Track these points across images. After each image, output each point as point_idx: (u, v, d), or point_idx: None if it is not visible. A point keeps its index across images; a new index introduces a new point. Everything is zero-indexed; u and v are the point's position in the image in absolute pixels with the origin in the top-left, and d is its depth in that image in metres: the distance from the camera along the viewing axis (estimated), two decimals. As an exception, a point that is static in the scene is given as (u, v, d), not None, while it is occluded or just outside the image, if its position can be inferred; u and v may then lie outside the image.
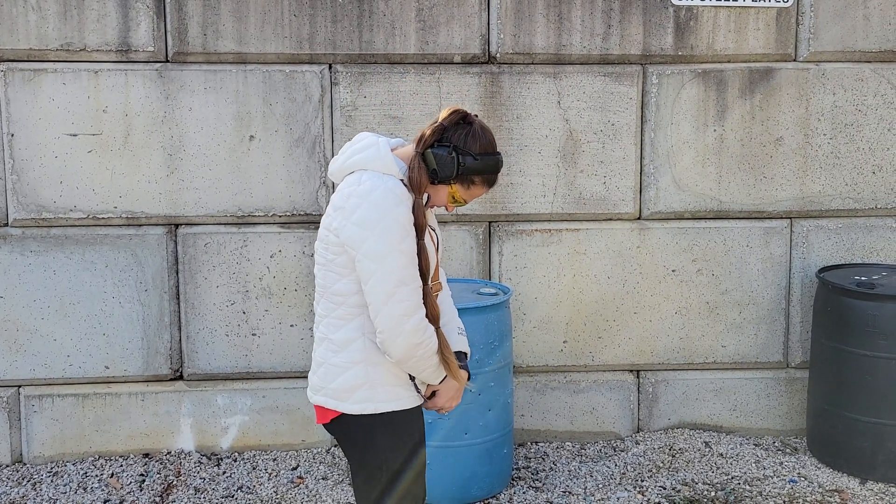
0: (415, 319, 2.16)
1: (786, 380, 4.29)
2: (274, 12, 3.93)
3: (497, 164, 2.31)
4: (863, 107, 4.15)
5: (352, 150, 2.30)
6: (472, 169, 2.26)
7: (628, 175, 4.12)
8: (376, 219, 2.15)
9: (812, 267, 4.22)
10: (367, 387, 2.25)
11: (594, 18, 4.03)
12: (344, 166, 2.29)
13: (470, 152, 2.26)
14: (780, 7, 4.07)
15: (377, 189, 2.17)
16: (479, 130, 2.29)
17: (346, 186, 2.23)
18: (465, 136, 2.26)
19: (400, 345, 2.16)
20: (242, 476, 3.91)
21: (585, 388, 4.24)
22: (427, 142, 2.26)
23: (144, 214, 3.99)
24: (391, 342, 2.17)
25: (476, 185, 2.31)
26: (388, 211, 2.15)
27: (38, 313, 3.99)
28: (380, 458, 2.29)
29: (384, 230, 2.14)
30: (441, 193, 2.31)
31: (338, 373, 2.27)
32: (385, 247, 2.14)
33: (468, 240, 4.11)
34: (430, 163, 2.24)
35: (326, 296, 2.30)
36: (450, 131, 2.27)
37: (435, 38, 3.99)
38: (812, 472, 3.91)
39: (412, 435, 2.33)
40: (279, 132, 3.99)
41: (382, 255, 2.14)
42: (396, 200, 2.17)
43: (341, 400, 2.27)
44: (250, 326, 4.08)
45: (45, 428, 4.05)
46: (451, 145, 2.25)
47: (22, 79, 3.88)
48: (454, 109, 2.31)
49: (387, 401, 2.26)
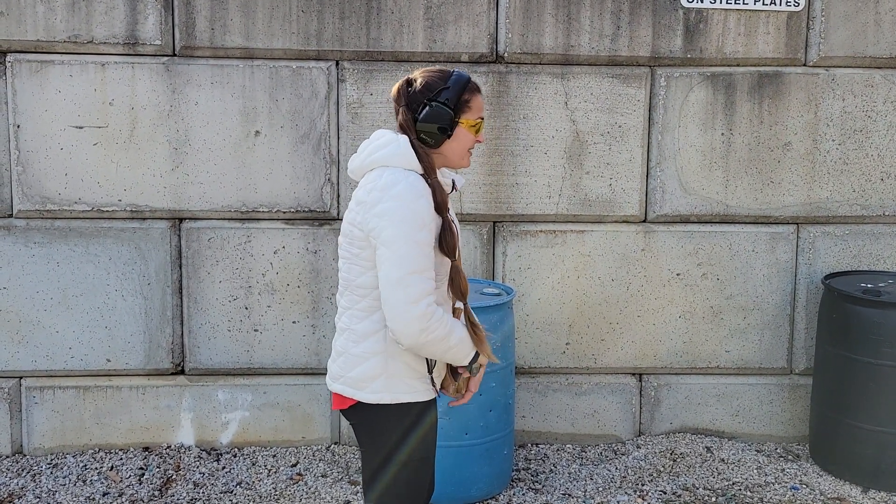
0: (421, 305, 2.18)
1: (789, 386, 4.27)
2: (282, 8, 3.92)
3: (462, 74, 2.34)
4: (872, 113, 4.12)
5: (372, 147, 2.33)
6: (454, 95, 2.30)
7: (634, 177, 4.10)
8: (395, 210, 2.18)
9: (818, 273, 4.19)
10: (385, 377, 2.29)
11: (603, 19, 4.01)
12: (364, 164, 2.32)
13: (438, 89, 2.29)
14: (790, 11, 4.05)
15: (399, 183, 2.21)
16: (426, 74, 2.33)
17: (368, 182, 2.27)
18: (423, 87, 2.30)
19: (406, 330, 2.18)
20: (242, 472, 3.91)
21: (587, 390, 4.22)
22: (408, 125, 2.31)
23: (149, 208, 3.99)
24: (398, 328, 2.19)
25: (471, 100, 2.33)
26: (407, 203, 2.19)
27: (40, 305, 3.99)
28: (392, 448, 2.32)
29: (401, 220, 2.18)
30: (461, 136, 2.33)
31: (357, 363, 2.30)
32: (401, 236, 2.17)
33: (472, 239, 4.09)
34: (430, 128, 2.28)
35: (350, 289, 2.33)
36: (409, 99, 2.31)
37: (443, 37, 3.98)
38: (814, 480, 3.89)
39: (426, 429, 2.36)
40: (285, 128, 3.98)
41: (397, 243, 2.17)
42: (416, 194, 2.20)
43: (359, 389, 2.31)
44: (252, 322, 4.07)
45: (45, 420, 4.05)
46: (420, 102, 2.29)
47: (29, 70, 3.88)
48: (397, 87, 2.34)
49: (403, 392, 2.30)
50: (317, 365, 4.10)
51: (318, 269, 4.05)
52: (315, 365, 4.10)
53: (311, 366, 4.11)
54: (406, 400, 2.30)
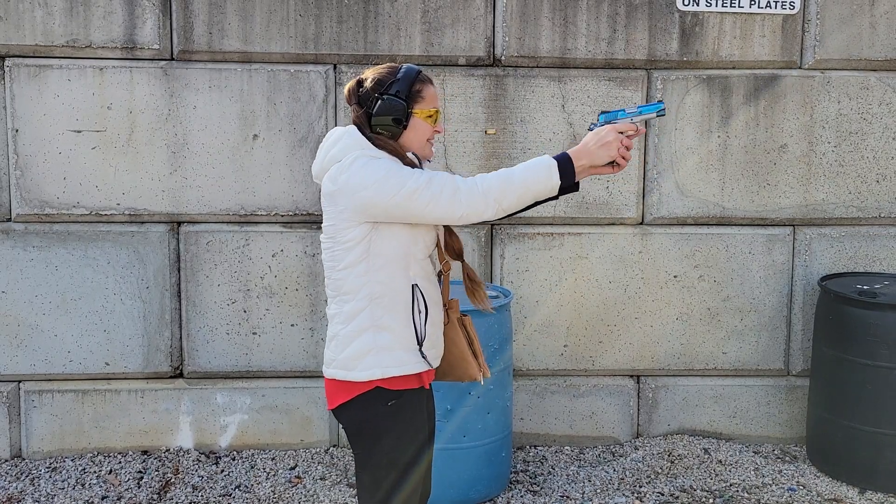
0: (462, 193, 2.23)
1: (786, 388, 4.28)
2: (280, 12, 3.93)
3: (411, 67, 2.36)
4: (868, 115, 4.14)
5: (327, 145, 2.37)
6: (405, 87, 2.32)
7: (631, 180, 4.12)
8: (361, 169, 2.24)
9: (814, 275, 4.21)
10: (375, 352, 2.30)
11: (600, 23, 4.03)
12: (324, 164, 2.36)
13: (388, 83, 2.32)
14: (786, 14, 4.07)
15: (358, 158, 2.26)
16: (375, 73, 2.35)
17: (328, 176, 2.31)
18: (373, 85, 2.33)
19: (484, 214, 2.24)
20: (240, 475, 3.92)
21: (585, 392, 4.23)
22: (361, 120, 2.34)
23: (147, 212, 4.00)
24: (475, 219, 2.25)
25: (423, 91, 2.35)
26: (372, 164, 2.25)
27: (39, 309, 4.00)
28: (385, 451, 2.32)
29: (373, 170, 2.23)
30: (417, 126, 2.35)
31: (348, 342, 2.32)
32: (382, 177, 2.21)
33: (470, 242, 4.10)
34: (385, 121, 2.31)
35: (333, 275, 2.35)
36: (361, 97, 2.34)
37: (440, 40, 3.99)
38: (811, 481, 3.90)
39: (419, 431, 2.36)
40: (283, 132, 3.99)
41: (390, 181, 2.21)
42: (375, 156, 2.27)
43: (349, 369, 2.32)
44: (251, 325, 4.08)
45: (44, 423, 4.06)
46: (372, 97, 2.32)
47: (27, 74, 3.89)
48: (347, 88, 2.38)
49: (392, 366, 2.31)
50: (315, 367, 4.11)
51: (316, 272, 4.06)
52: (313, 367, 4.11)
53: (309, 368, 4.12)
54: (395, 373, 2.30)
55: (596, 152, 2.27)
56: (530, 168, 2.26)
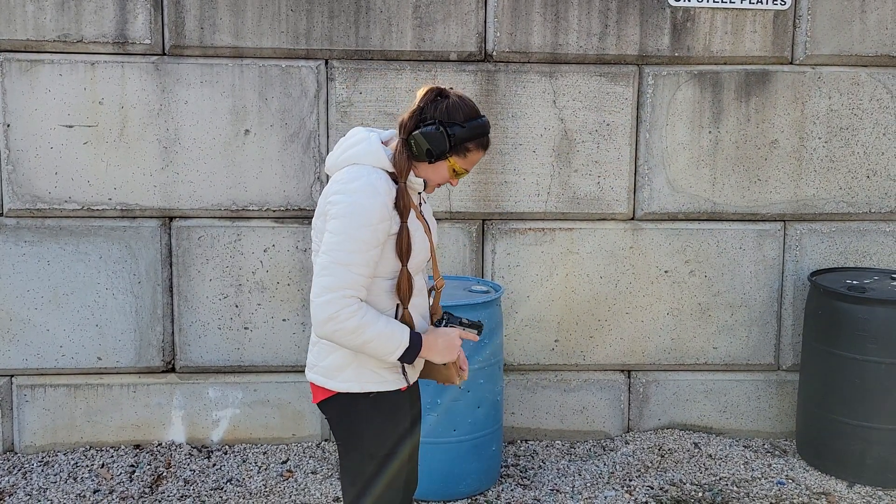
0: (335, 295, 2.19)
1: (776, 382, 4.30)
2: (271, 7, 3.93)
3: (485, 126, 2.34)
4: (858, 111, 4.15)
5: (346, 144, 2.36)
6: (462, 137, 2.30)
7: (622, 175, 4.13)
8: (347, 203, 2.21)
9: (805, 270, 4.22)
10: (355, 366, 2.31)
11: (591, 18, 4.03)
12: (338, 161, 2.35)
13: (456, 122, 2.29)
14: (777, 10, 4.07)
15: (359, 179, 2.24)
16: (458, 100, 2.32)
17: (335, 178, 2.31)
18: (447, 108, 2.30)
19: (316, 316, 2.21)
20: (232, 469, 3.93)
21: (576, 387, 4.25)
22: (408, 126, 2.30)
23: (139, 207, 4.00)
24: (312, 312, 2.22)
25: (472, 151, 2.34)
26: (360, 200, 2.21)
27: (31, 303, 4.01)
28: (366, 443, 2.33)
29: (350, 213, 2.20)
30: (441, 170, 2.35)
31: (329, 351, 2.33)
32: (343, 228, 2.20)
33: (461, 237, 4.11)
34: (421, 144, 2.28)
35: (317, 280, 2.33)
36: (429, 109, 2.30)
37: (431, 35, 4.00)
38: (800, 475, 3.92)
39: (399, 422, 2.37)
40: (274, 127, 4.00)
41: (337, 233, 2.21)
42: (373, 192, 2.22)
43: (329, 378, 2.33)
44: (243, 320, 4.09)
45: (36, 418, 4.07)
46: (435, 121, 2.28)
47: (19, 69, 3.89)
48: (428, 88, 2.34)
49: (372, 382, 2.31)
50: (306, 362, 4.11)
51: (307, 267, 4.07)
52: (305, 362, 4.12)
53: (301, 363, 4.13)
54: (374, 389, 2.31)
55: (442, 352, 2.35)
56: (384, 336, 2.23)
